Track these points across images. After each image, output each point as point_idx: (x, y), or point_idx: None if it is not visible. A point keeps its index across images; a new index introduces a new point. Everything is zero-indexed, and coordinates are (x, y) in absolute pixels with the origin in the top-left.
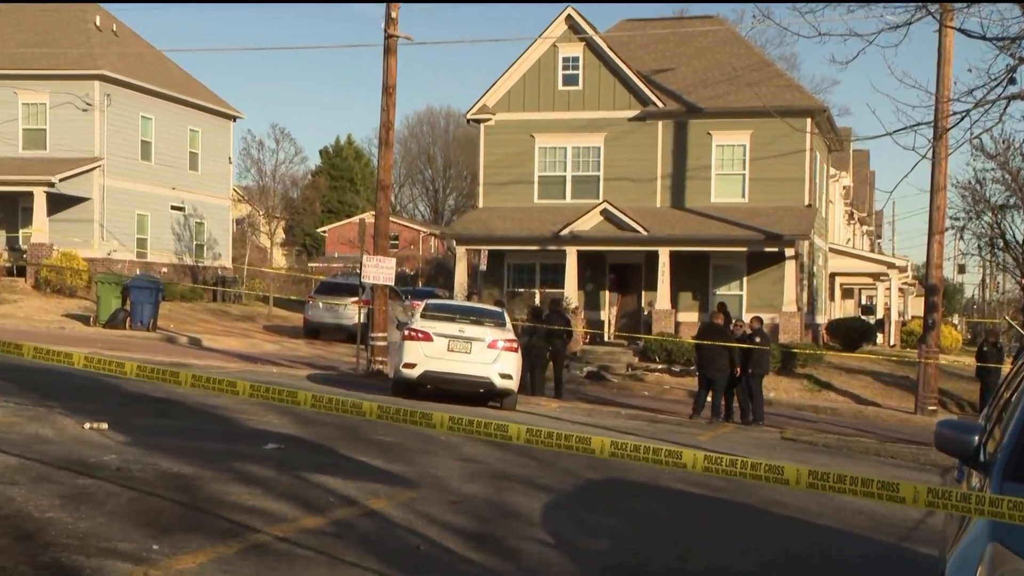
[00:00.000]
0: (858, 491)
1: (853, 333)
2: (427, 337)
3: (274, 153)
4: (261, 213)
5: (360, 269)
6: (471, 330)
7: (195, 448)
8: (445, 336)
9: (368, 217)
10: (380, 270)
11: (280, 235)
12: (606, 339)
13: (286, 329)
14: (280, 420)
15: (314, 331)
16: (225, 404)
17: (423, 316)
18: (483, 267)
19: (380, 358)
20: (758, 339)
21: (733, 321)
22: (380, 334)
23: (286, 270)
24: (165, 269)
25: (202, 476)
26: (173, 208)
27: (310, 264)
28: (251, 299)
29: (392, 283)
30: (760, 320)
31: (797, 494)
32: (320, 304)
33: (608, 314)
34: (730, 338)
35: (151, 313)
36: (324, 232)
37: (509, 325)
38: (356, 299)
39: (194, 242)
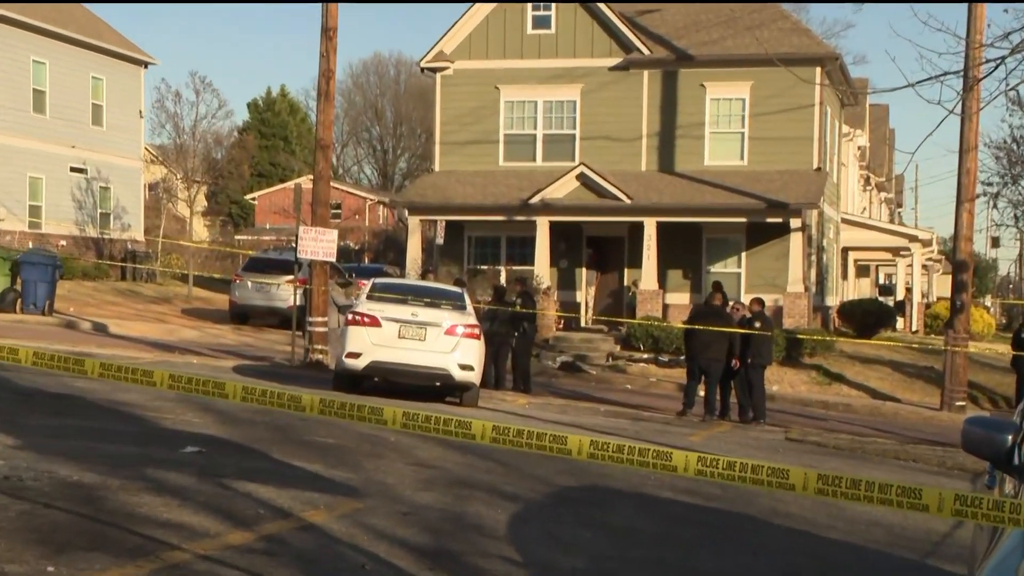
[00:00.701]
0: (874, 498)
1: (869, 317)
2: (374, 322)
3: (193, 106)
4: (179, 177)
5: (296, 243)
6: (426, 314)
7: (100, 452)
8: (395, 321)
9: (305, 182)
10: (319, 244)
11: (201, 203)
12: (583, 324)
13: (209, 313)
14: (201, 419)
15: (242, 315)
16: (136, 400)
17: (369, 298)
18: (440, 240)
19: (319, 346)
20: (758, 324)
21: (730, 303)
22: (319, 319)
23: (209, 244)
24: (64, 242)
25: (108, 485)
26: (73, 170)
27: (237, 237)
28: (167, 278)
29: (333, 259)
30: (761, 302)
31: (804, 503)
32: (249, 284)
33: (585, 295)
34: (728, 322)
35: (46, 294)
36: (253, 200)
37: (470, 308)
38: (291, 278)
39: (99, 211)
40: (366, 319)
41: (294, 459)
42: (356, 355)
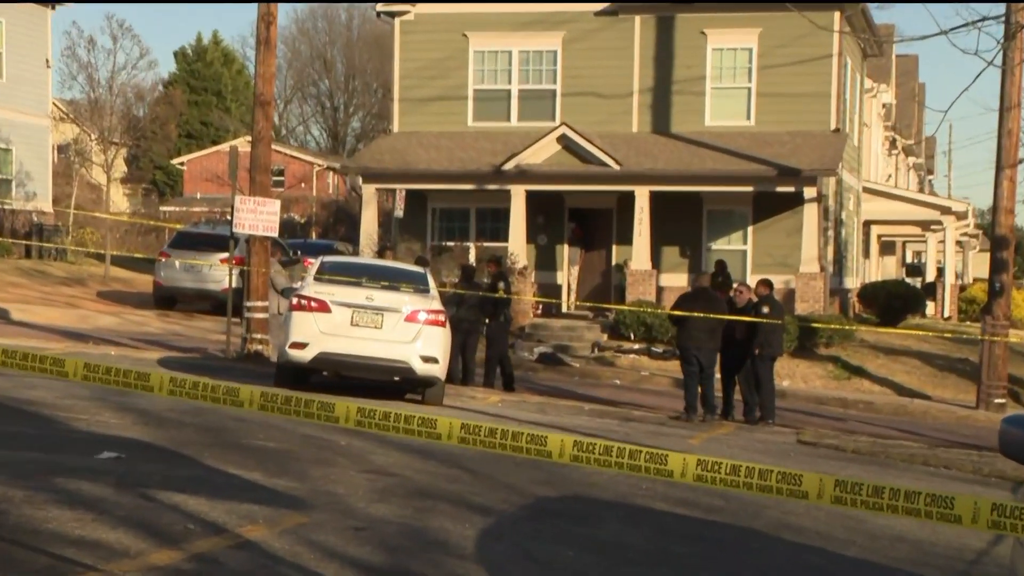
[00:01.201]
0: (899, 508)
1: (894, 301)
2: (323, 307)
3: (110, 55)
4: (93, 138)
5: (231, 215)
6: (383, 298)
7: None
8: (348, 306)
9: (242, 144)
10: (259, 216)
11: (120, 168)
12: (564, 309)
13: (129, 297)
14: (120, 420)
15: (168, 299)
16: (43, 399)
17: (318, 279)
18: (399, 213)
19: (259, 336)
20: (767, 309)
21: (734, 286)
22: (259, 303)
23: (129, 216)
24: None
25: (9, 497)
26: None
27: (163, 208)
28: (80, 256)
29: (275, 234)
30: (769, 284)
31: (818, 515)
32: (176, 263)
33: (567, 276)
34: (719, 307)
35: None
36: (181, 165)
37: (434, 291)
38: (226, 256)
39: None
40: (313, 304)
41: (229, 466)
42: (302, 345)
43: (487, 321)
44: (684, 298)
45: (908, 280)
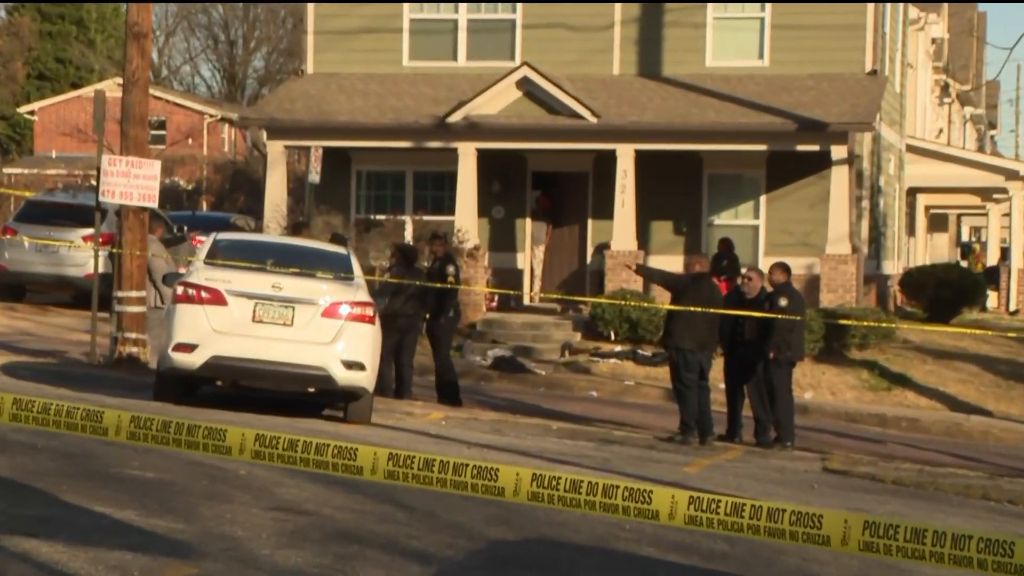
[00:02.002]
0: (945, 557)
1: (946, 291)
2: (217, 298)
3: None
4: None
5: (97, 180)
6: (294, 286)
7: None
8: (249, 296)
9: (111, 88)
10: (133, 182)
11: None
12: (527, 302)
13: None
14: None
15: (15, 288)
16: None
17: (210, 262)
18: (314, 177)
19: (134, 335)
20: (783, 302)
21: (742, 272)
22: (134, 293)
23: None
24: None
25: None
26: None
27: (6, 171)
28: None
29: (155, 204)
30: (787, 270)
31: (849, 563)
32: (25, 242)
33: (530, 259)
34: (717, 298)
35: None
36: (31, 115)
37: (360, 278)
38: (90, 232)
39: None
40: (204, 294)
41: (95, 502)
42: (189, 348)
43: (430, 317)
44: (677, 285)
45: (964, 264)
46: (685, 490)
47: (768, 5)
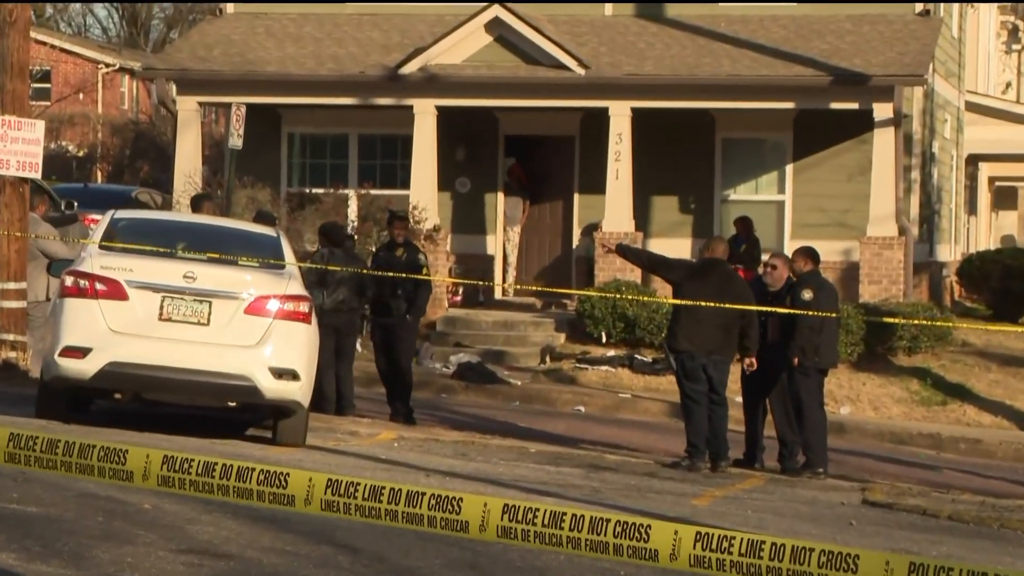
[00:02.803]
0: None
1: (1016, 282)
2: (115, 291)
3: None
4: None
5: None
6: (212, 276)
7: None
8: (155, 289)
9: None
10: (11, 147)
11: None
12: (499, 295)
13: None
14: None
15: None
16: None
17: (106, 247)
18: (236, 141)
19: (11, 336)
20: (808, 295)
21: (764, 259)
22: (11, 285)
23: None
24: None
25: None
26: None
27: None
28: None
29: (38, 175)
30: (813, 256)
31: None
32: None
33: (504, 243)
34: (742, 292)
35: None
36: None
37: (293, 267)
38: None
39: None
40: (99, 286)
41: None
42: (80, 352)
43: (401, 314)
44: (677, 274)
45: None
46: (691, 526)
47: None
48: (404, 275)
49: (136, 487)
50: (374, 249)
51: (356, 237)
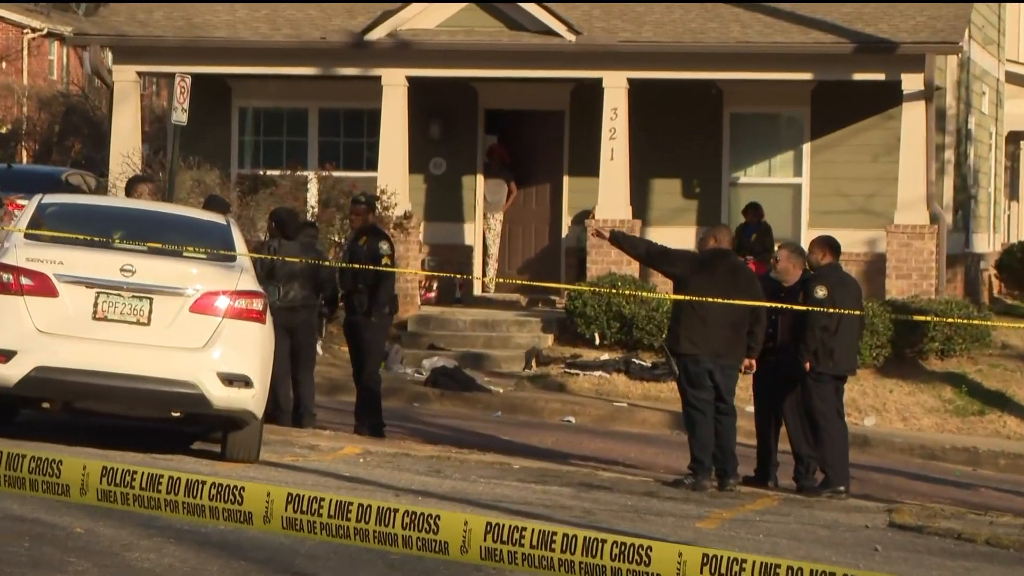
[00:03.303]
0: None
1: None
2: (43, 287)
3: None
4: None
5: None
6: (152, 270)
7: None
8: (88, 284)
9: None
10: None
11: None
12: (479, 291)
13: None
14: None
15: None
16: None
17: (32, 236)
18: (180, 116)
19: None
20: (822, 292)
21: (775, 250)
22: None
23: None
24: None
25: None
26: None
27: None
28: None
29: None
30: (832, 247)
31: None
32: None
33: (483, 232)
34: (758, 287)
35: None
36: None
37: (246, 258)
38: None
39: None
40: (24, 281)
41: None
42: (4, 355)
43: (360, 313)
44: (679, 266)
45: None
46: (696, 547)
47: None
48: (356, 266)
49: (71, 504)
50: (337, 239)
51: (317, 225)
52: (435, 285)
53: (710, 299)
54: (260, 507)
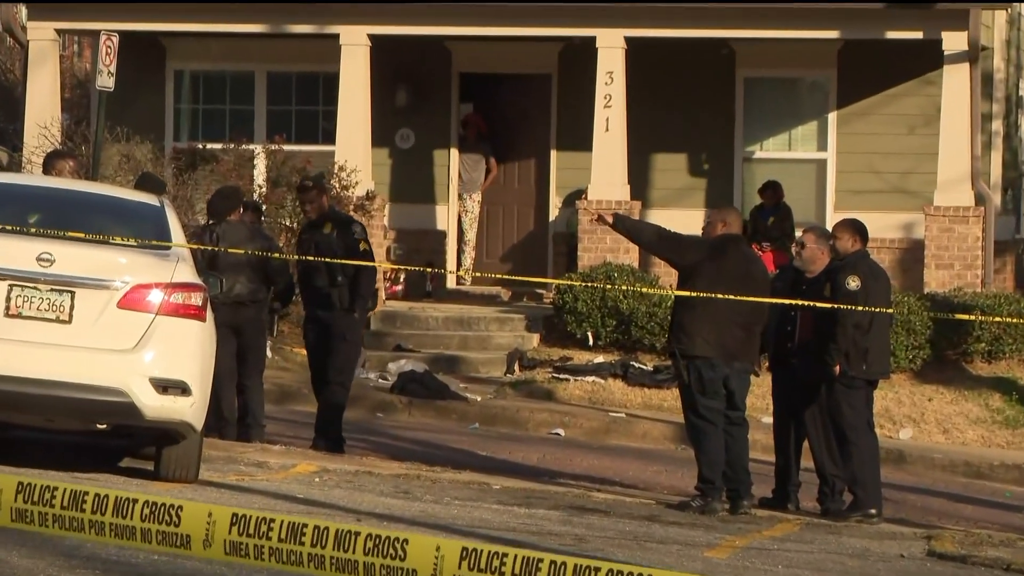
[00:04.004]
0: None
1: None
2: None
3: None
4: None
5: None
6: (74, 260)
7: None
8: (0, 276)
9: None
10: None
11: None
12: (453, 284)
13: None
14: None
15: None
16: None
17: None
18: (105, 81)
19: None
20: (852, 283)
21: (797, 236)
22: None
23: None
24: None
25: None
26: None
27: None
28: None
29: None
30: (860, 232)
31: None
32: None
33: (458, 215)
34: (767, 279)
35: None
36: None
37: (183, 249)
38: None
39: None
40: None
41: None
42: None
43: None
44: (686, 255)
45: None
46: None
47: None
48: (325, 260)
49: None
50: (289, 222)
51: (264, 207)
52: (402, 277)
53: (714, 292)
54: (200, 529)
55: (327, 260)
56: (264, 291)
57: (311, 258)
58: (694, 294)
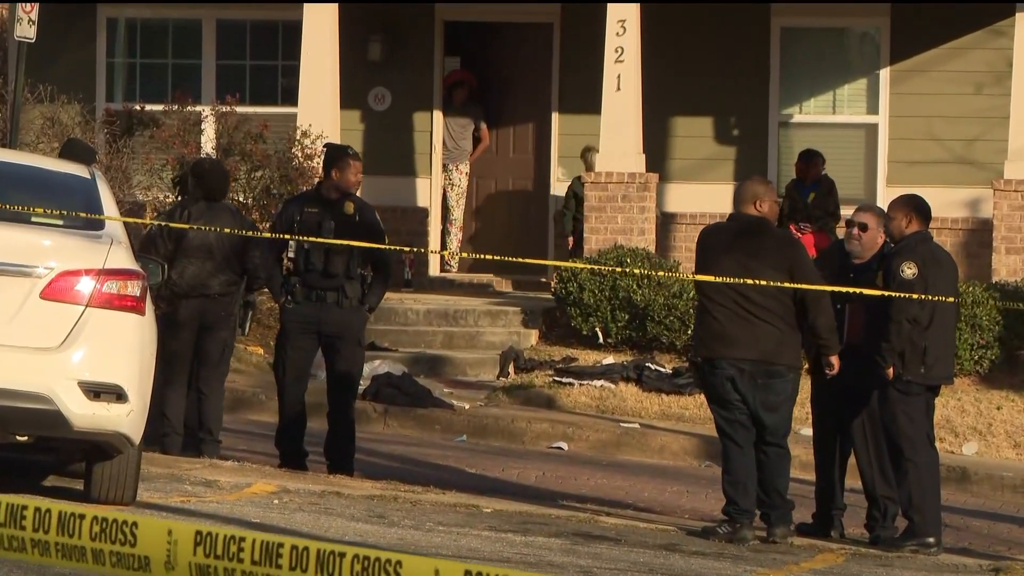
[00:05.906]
0: None
1: None
2: None
3: None
4: None
5: None
6: None
7: None
8: None
9: None
10: None
11: None
12: (437, 271)
13: None
14: None
15: None
16: None
17: None
18: (25, 31)
19: None
20: (908, 270)
21: (852, 217)
22: None
23: None
24: None
25: None
26: None
27: None
28: None
29: None
30: (921, 211)
31: None
32: None
33: (442, 189)
34: (809, 265)
35: None
36: None
37: (118, 226)
38: None
39: None
40: None
41: None
42: None
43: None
44: (713, 238)
45: None
46: None
47: None
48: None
49: None
50: (243, 198)
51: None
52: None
53: (767, 282)
54: (160, 550)
55: (342, 243)
56: (238, 283)
57: (305, 239)
58: (707, 279)
